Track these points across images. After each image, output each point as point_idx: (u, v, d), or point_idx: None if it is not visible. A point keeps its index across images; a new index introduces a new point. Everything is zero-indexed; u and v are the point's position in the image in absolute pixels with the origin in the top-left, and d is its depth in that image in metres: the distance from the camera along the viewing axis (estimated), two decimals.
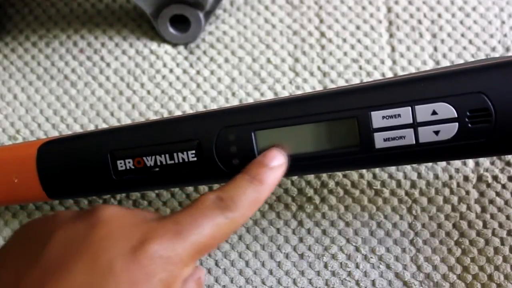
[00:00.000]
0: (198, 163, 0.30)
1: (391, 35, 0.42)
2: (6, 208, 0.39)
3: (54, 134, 0.41)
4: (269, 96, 0.41)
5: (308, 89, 0.41)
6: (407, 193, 0.37)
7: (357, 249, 0.36)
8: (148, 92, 0.42)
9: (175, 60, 0.43)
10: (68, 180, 0.32)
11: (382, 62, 0.41)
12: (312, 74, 0.42)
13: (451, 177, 0.37)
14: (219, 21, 0.44)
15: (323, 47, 0.42)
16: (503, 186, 0.37)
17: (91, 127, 0.41)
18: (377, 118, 0.28)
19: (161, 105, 0.41)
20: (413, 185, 0.37)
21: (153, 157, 0.31)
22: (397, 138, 0.28)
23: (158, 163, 0.31)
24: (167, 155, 0.31)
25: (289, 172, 0.30)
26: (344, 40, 0.42)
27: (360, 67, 0.41)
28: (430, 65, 0.41)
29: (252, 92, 0.41)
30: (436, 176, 0.37)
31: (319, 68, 0.42)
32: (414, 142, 0.28)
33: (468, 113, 0.28)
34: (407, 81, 0.29)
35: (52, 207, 0.39)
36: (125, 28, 0.44)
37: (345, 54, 0.42)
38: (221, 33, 0.43)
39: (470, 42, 0.42)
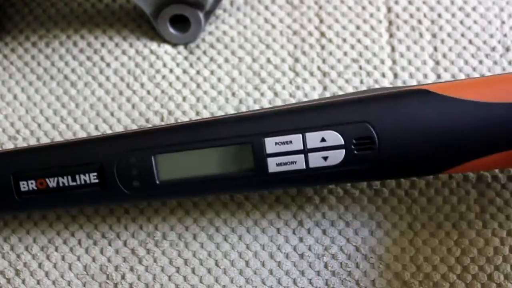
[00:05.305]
0: (100, 185, 0.32)
1: (391, 35, 0.42)
2: None
3: (54, 134, 0.41)
4: (269, 96, 0.41)
5: (308, 89, 0.41)
6: (406, 193, 0.37)
7: (357, 249, 0.36)
8: (148, 92, 0.42)
9: (175, 60, 0.43)
10: None
11: (382, 62, 0.41)
12: (312, 74, 0.42)
13: (450, 177, 0.37)
14: (219, 21, 0.44)
15: (323, 47, 0.42)
16: (503, 186, 0.37)
17: (91, 127, 0.41)
18: (271, 144, 0.30)
19: (161, 105, 0.41)
20: (413, 185, 0.37)
21: (56, 178, 0.32)
22: (289, 163, 0.30)
23: (61, 184, 0.32)
24: (69, 177, 0.32)
25: (190, 194, 0.32)
26: (344, 40, 0.42)
27: (360, 67, 0.41)
28: (430, 65, 0.41)
29: (252, 92, 0.41)
30: (436, 176, 0.37)
31: (319, 68, 0.42)
32: (304, 167, 0.30)
33: (354, 141, 0.30)
34: (299, 109, 0.31)
35: None
36: (125, 28, 0.44)
37: (345, 54, 0.42)
38: (221, 33, 0.43)
39: (470, 42, 0.42)
